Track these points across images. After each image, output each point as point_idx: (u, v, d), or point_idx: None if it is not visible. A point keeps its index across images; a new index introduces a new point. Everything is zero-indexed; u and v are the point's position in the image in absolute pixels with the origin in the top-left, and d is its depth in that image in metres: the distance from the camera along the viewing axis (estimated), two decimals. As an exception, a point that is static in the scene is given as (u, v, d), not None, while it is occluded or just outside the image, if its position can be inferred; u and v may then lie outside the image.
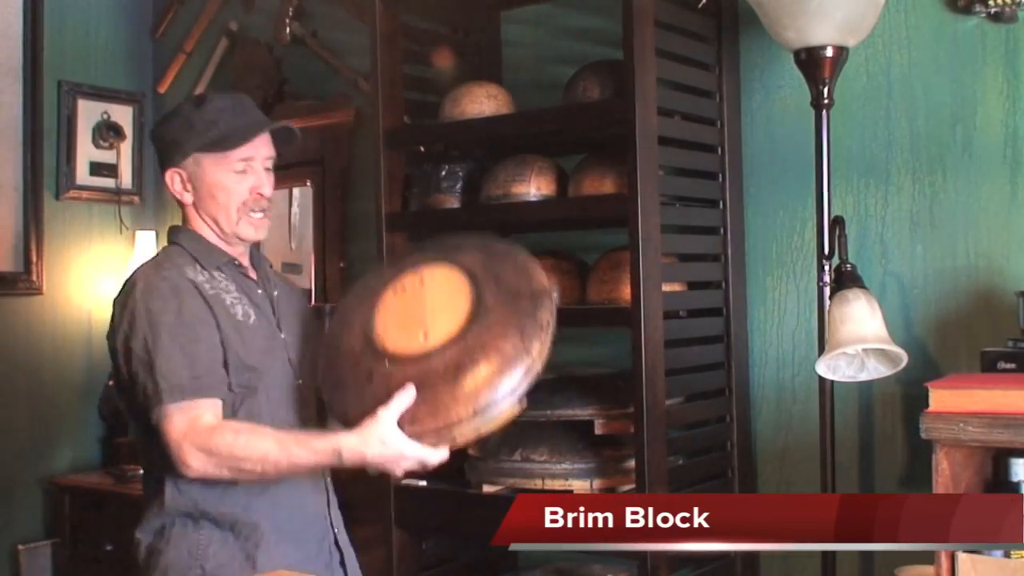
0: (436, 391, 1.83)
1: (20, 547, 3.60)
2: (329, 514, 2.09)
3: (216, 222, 2.06)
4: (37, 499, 3.67)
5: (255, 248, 2.19)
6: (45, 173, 3.72)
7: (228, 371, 1.96)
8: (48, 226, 3.73)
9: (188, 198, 2.07)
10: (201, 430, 1.87)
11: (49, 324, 3.75)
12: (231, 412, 1.96)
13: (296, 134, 2.13)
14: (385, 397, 1.83)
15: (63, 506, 3.59)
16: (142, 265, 2.06)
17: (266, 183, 2.06)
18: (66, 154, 3.77)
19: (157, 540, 1.99)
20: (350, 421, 1.88)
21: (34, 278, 3.69)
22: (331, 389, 1.96)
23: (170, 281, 1.97)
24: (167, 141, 2.08)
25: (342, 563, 2.08)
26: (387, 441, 1.80)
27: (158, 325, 1.92)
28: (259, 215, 2.06)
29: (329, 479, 2.09)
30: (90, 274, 3.86)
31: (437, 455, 1.84)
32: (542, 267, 2.02)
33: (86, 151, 3.83)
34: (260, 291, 2.10)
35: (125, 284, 2.02)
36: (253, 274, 2.12)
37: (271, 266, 2.23)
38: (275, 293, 2.13)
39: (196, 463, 1.86)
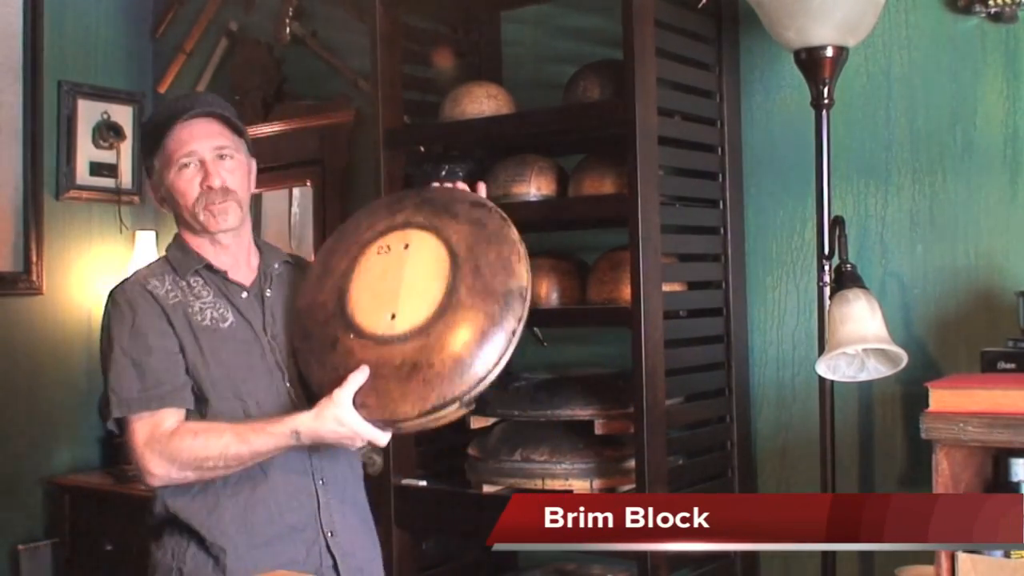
0: (388, 384, 1.88)
1: (20, 547, 3.60)
2: (320, 518, 2.03)
3: (186, 221, 2.08)
4: (37, 499, 3.67)
5: (263, 243, 2.18)
6: (45, 173, 3.72)
7: (193, 377, 1.98)
8: (48, 226, 3.73)
9: (166, 207, 2.13)
10: (160, 437, 1.91)
11: (49, 324, 3.75)
12: (209, 417, 1.97)
13: (235, 121, 2.07)
14: (344, 372, 1.88)
15: (63, 506, 3.59)
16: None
17: (215, 173, 2.01)
18: (66, 154, 3.77)
19: (151, 541, 2.03)
20: (311, 383, 1.96)
21: (34, 278, 3.69)
22: (300, 338, 2.01)
23: (127, 294, 2.01)
24: (143, 158, 2.13)
25: (335, 567, 2.02)
26: (343, 421, 1.85)
27: (113, 341, 1.97)
28: (216, 204, 2.03)
29: (323, 482, 2.04)
30: (90, 274, 3.86)
31: (386, 437, 1.90)
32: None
33: (86, 151, 3.83)
34: (244, 294, 2.07)
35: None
36: (242, 276, 2.09)
37: (287, 261, 2.18)
38: (268, 293, 2.09)
39: (159, 470, 1.90)
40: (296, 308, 2.06)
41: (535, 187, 2.62)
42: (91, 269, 3.86)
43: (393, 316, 1.92)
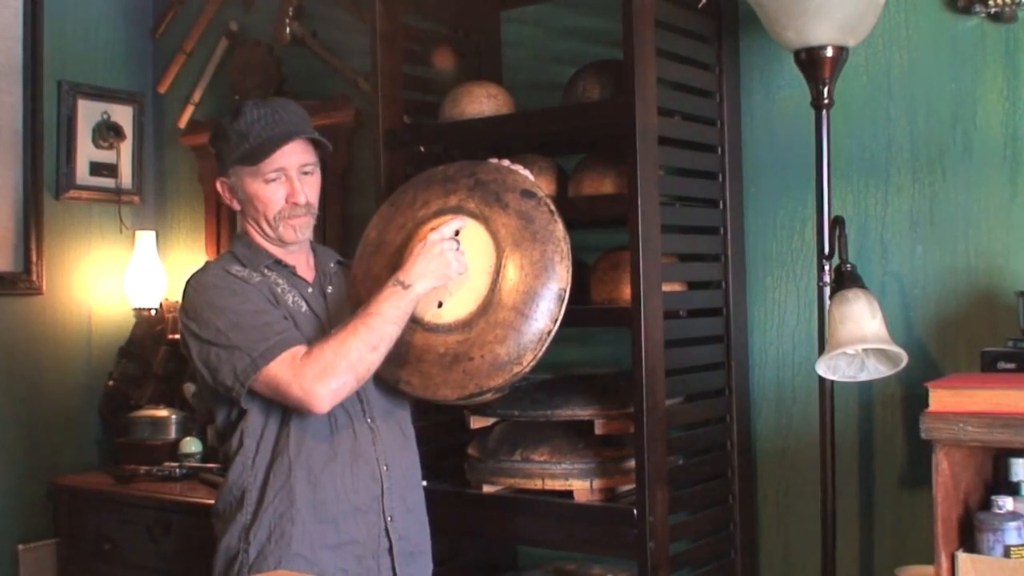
0: (431, 369, 2.06)
1: (20, 547, 3.60)
2: (383, 502, 2.17)
3: (260, 226, 2.20)
4: (37, 499, 3.67)
5: (314, 244, 2.32)
6: (45, 173, 3.72)
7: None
8: (48, 226, 3.73)
9: (236, 205, 2.23)
10: (304, 362, 2.02)
11: (49, 324, 3.75)
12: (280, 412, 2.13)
13: (324, 142, 2.21)
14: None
15: (63, 506, 3.59)
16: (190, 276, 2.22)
17: (300, 191, 2.15)
18: (66, 154, 3.77)
19: (217, 526, 2.20)
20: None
21: (34, 278, 3.69)
22: (354, 305, 2.13)
23: (214, 277, 2.15)
24: (215, 152, 2.23)
25: (390, 550, 2.17)
26: (430, 248, 2.05)
27: (223, 310, 2.08)
28: (298, 218, 2.17)
29: (387, 468, 2.18)
30: (90, 274, 3.86)
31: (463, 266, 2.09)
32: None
33: (86, 151, 3.83)
34: (311, 289, 2.23)
35: (182, 295, 2.19)
36: (305, 272, 2.25)
37: (340, 262, 2.35)
38: (329, 290, 2.24)
39: (321, 388, 1.99)
40: (352, 274, 2.23)
41: (535, 187, 2.62)
42: (91, 269, 3.86)
43: (440, 304, 2.09)
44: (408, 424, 2.31)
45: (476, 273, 2.08)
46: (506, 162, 2.25)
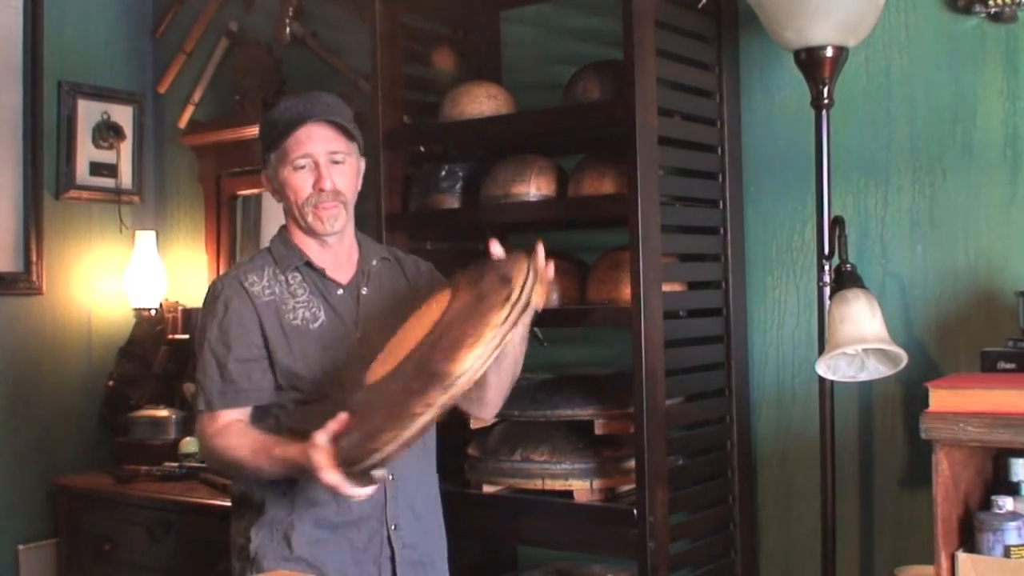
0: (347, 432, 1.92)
1: (20, 547, 3.60)
2: (386, 510, 2.16)
3: (294, 216, 2.20)
4: (37, 499, 3.67)
5: (362, 237, 2.30)
6: (45, 173, 3.71)
7: (276, 373, 2.13)
8: (48, 226, 3.73)
9: (277, 198, 2.24)
10: (215, 432, 2.11)
11: (49, 324, 3.74)
12: (295, 410, 2.13)
13: (350, 128, 2.18)
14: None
15: (63, 506, 3.59)
16: None
17: (327, 176, 2.14)
18: (66, 154, 3.77)
19: (231, 520, 2.24)
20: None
21: (34, 278, 3.69)
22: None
23: (224, 289, 2.17)
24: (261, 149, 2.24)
25: (392, 558, 2.16)
26: (312, 459, 1.89)
27: (203, 340, 2.15)
28: (328, 207, 2.16)
29: (392, 477, 2.15)
30: (90, 274, 3.85)
31: (348, 487, 1.90)
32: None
33: (86, 151, 3.83)
34: (340, 291, 2.20)
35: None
36: (338, 272, 2.21)
37: (385, 258, 2.31)
38: (364, 291, 2.21)
39: (209, 462, 2.16)
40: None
41: (535, 187, 2.62)
42: (91, 269, 3.86)
43: (378, 364, 2.02)
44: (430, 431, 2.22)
45: (411, 340, 1.96)
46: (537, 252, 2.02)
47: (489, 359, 1.76)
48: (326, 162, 2.15)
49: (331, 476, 1.87)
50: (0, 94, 3.62)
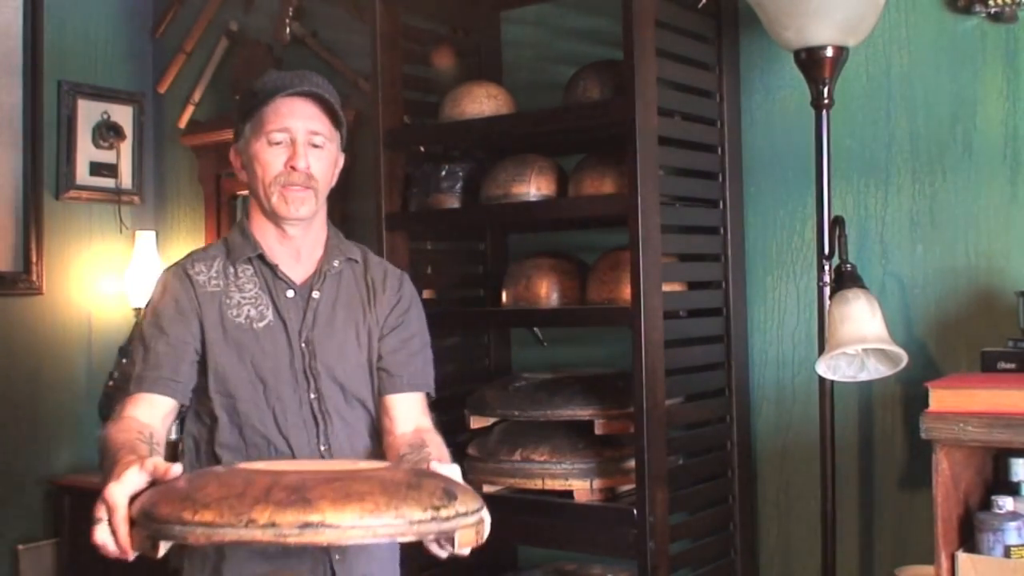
0: None
1: (20, 547, 3.60)
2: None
3: (258, 198, 1.97)
4: (37, 499, 3.67)
5: (334, 233, 2.05)
6: (45, 173, 3.72)
7: (209, 376, 1.91)
8: (48, 226, 3.73)
9: (244, 175, 2.00)
10: (113, 417, 1.84)
11: (49, 324, 3.75)
12: (228, 420, 1.92)
13: (338, 110, 1.98)
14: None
15: (63, 506, 3.59)
16: None
17: (303, 156, 1.91)
18: (66, 154, 3.77)
19: None
20: None
21: (34, 278, 3.69)
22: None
23: (168, 275, 1.98)
24: (235, 119, 2.03)
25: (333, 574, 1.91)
26: (106, 498, 1.55)
27: (142, 324, 1.95)
28: (297, 190, 1.92)
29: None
30: (90, 274, 3.86)
31: (116, 545, 1.58)
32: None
33: (86, 151, 3.83)
34: (290, 292, 1.97)
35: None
36: (294, 270, 1.98)
37: (352, 259, 2.04)
38: (314, 294, 1.97)
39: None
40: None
41: (535, 187, 2.62)
42: (91, 269, 3.86)
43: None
44: (378, 458, 1.97)
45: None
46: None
47: (367, 537, 1.41)
48: (304, 141, 1.92)
49: (100, 534, 1.53)
50: (0, 94, 3.62)
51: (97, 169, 3.85)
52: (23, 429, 3.65)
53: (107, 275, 3.87)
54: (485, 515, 1.57)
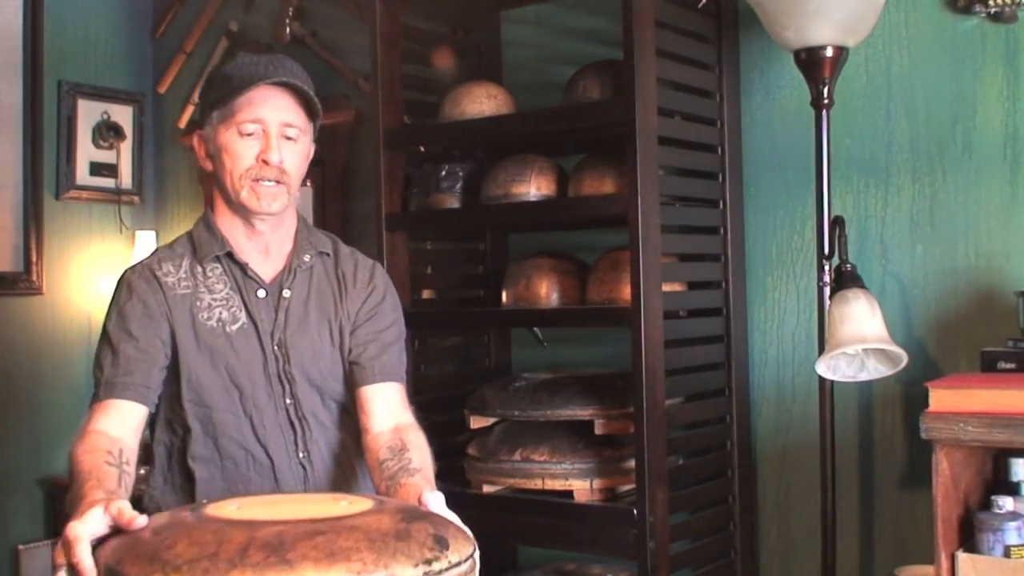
0: None
1: (20, 547, 3.60)
2: None
3: (225, 191, 1.87)
4: (37, 499, 3.67)
5: (303, 227, 1.97)
6: (45, 173, 3.72)
7: (181, 385, 1.84)
8: (48, 226, 3.73)
9: (208, 165, 1.90)
10: (81, 431, 1.74)
11: (49, 324, 3.75)
12: (202, 430, 1.85)
13: (315, 100, 1.89)
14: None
15: (63, 506, 3.57)
16: None
17: (275, 149, 1.82)
18: (66, 154, 3.77)
19: None
20: None
21: (34, 278, 3.69)
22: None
23: (133, 277, 1.88)
24: (199, 104, 1.94)
25: None
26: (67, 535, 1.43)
27: (107, 319, 1.86)
28: (269, 184, 1.83)
29: (311, 488, 1.87)
30: (90, 274, 3.86)
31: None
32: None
33: (86, 151, 3.83)
34: (262, 292, 1.89)
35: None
36: (264, 267, 1.91)
37: (323, 252, 1.97)
38: (285, 293, 1.90)
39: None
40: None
41: (535, 187, 2.62)
42: (91, 269, 3.86)
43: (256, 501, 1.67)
44: (359, 458, 1.94)
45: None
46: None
47: None
48: (278, 133, 1.83)
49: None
50: (0, 94, 3.62)
51: (97, 169, 3.86)
52: (23, 429, 3.65)
53: (107, 275, 3.87)
54: (476, 556, 1.48)
